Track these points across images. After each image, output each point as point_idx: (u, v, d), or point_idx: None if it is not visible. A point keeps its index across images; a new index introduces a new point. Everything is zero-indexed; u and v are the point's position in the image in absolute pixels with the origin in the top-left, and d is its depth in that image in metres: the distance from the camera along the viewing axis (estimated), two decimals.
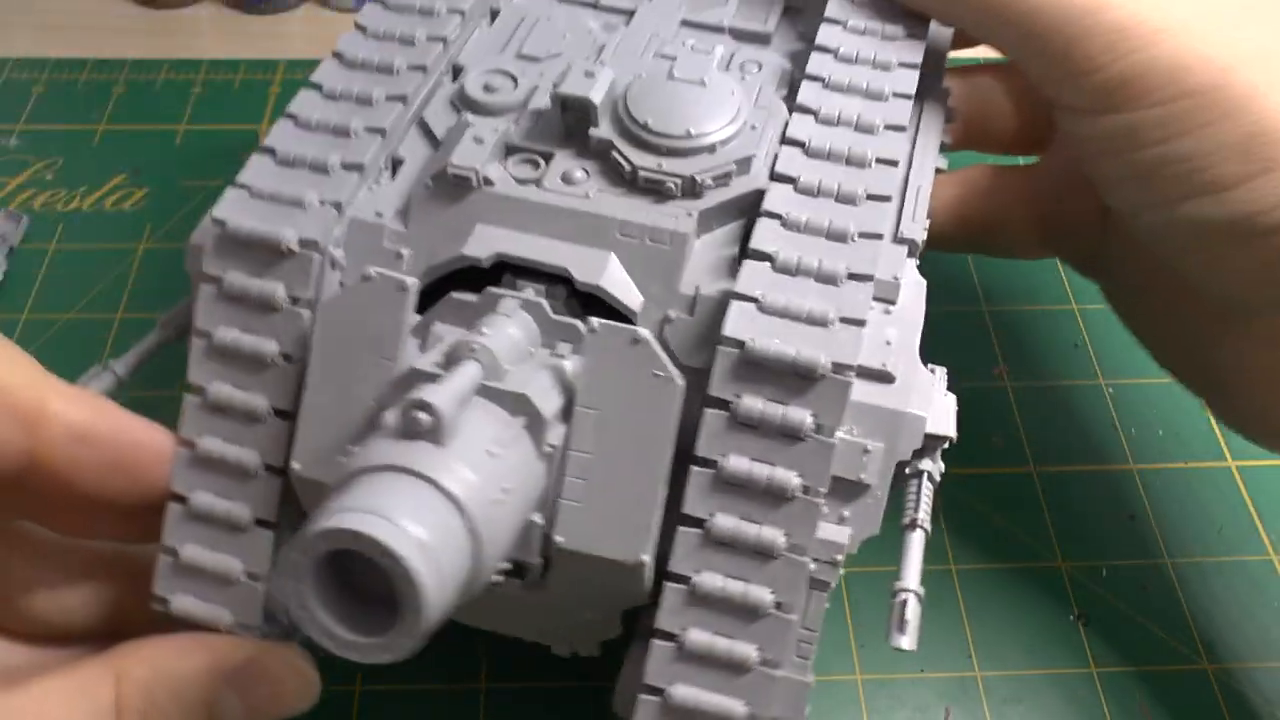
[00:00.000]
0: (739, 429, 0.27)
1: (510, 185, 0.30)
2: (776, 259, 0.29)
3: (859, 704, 0.39)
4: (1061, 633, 0.41)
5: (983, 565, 0.42)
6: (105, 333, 0.49)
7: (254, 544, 0.30)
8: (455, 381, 0.25)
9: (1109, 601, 0.42)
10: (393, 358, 0.28)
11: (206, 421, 0.30)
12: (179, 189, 0.55)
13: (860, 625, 0.40)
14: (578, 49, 0.35)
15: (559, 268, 0.29)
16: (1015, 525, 0.44)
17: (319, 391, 0.29)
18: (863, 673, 0.39)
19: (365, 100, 0.32)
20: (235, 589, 0.30)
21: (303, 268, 0.29)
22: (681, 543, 0.28)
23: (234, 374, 0.30)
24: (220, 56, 0.64)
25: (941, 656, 0.40)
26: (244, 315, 0.30)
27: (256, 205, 0.30)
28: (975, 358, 0.49)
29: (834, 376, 0.27)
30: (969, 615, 0.41)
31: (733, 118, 0.31)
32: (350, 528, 0.22)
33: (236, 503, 0.30)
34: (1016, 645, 0.40)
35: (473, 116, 0.32)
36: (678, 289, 0.29)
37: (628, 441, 0.28)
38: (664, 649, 0.28)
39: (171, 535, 0.30)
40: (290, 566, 0.23)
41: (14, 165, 0.56)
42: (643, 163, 0.30)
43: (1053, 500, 0.45)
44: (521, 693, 0.39)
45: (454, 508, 0.23)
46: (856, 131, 0.32)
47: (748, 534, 0.27)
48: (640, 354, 0.28)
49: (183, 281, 0.51)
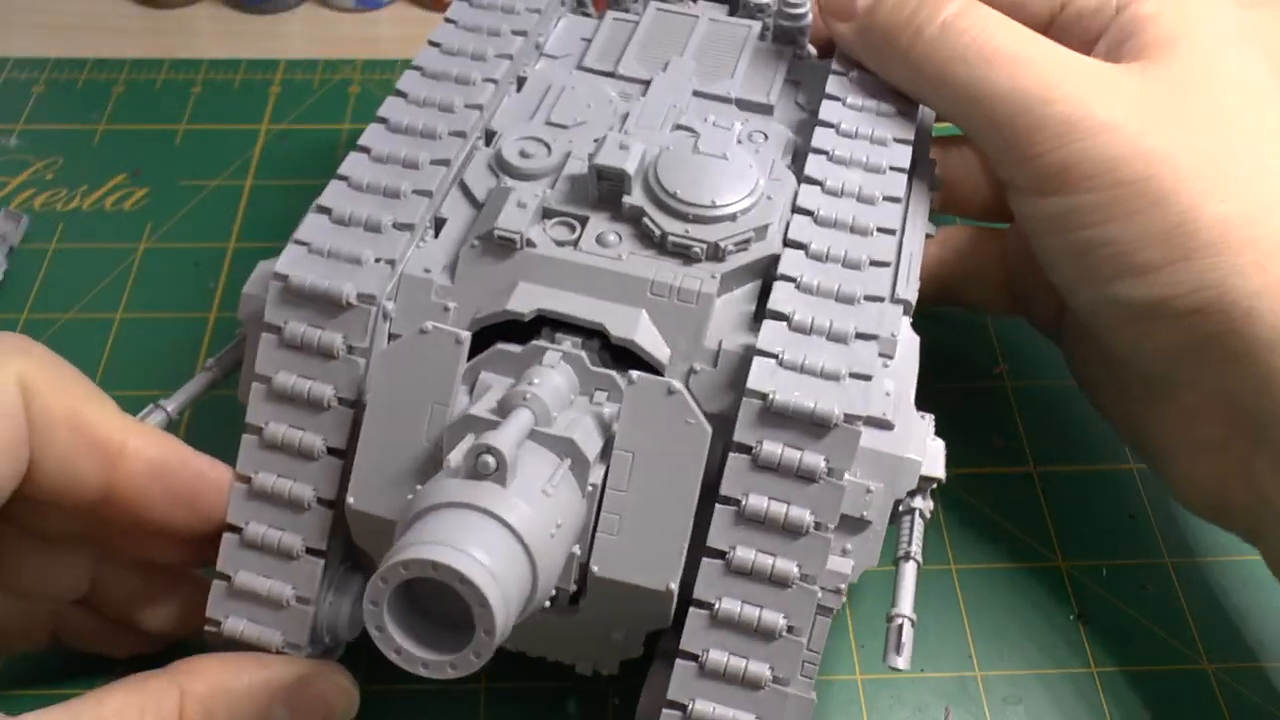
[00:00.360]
0: (759, 471, 0.31)
1: (550, 247, 0.33)
2: (793, 319, 0.32)
3: (859, 704, 0.39)
4: (1061, 633, 0.41)
5: (983, 565, 0.42)
6: (105, 333, 0.49)
7: (304, 571, 0.33)
8: (513, 427, 0.28)
9: (1109, 601, 0.42)
10: (446, 403, 0.31)
11: (263, 458, 0.33)
12: (179, 189, 0.56)
13: (860, 625, 0.40)
14: (601, 117, 0.38)
15: (595, 323, 0.32)
16: (1015, 525, 0.44)
17: (375, 432, 0.31)
18: (863, 673, 0.39)
19: (412, 164, 0.35)
20: (286, 612, 0.33)
21: (360, 320, 0.32)
22: (705, 572, 0.31)
23: (291, 415, 0.33)
24: (220, 56, 0.64)
25: (941, 656, 0.40)
26: (303, 362, 0.32)
27: (316, 261, 0.33)
28: (975, 358, 0.49)
29: (846, 426, 0.30)
30: (969, 615, 0.41)
31: (752, 189, 0.34)
32: (430, 558, 0.25)
33: (289, 533, 0.33)
34: (1016, 645, 0.40)
35: (511, 180, 0.35)
36: (702, 343, 0.32)
37: (659, 481, 0.31)
38: (686, 668, 0.31)
39: (227, 563, 0.33)
40: (372, 592, 0.25)
41: (14, 165, 0.56)
42: (672, 229, 0.33)
43: (1053, 500, 0.45)
44: (521, 693, 0.39)
45: (517, 541, 0.26)
46: (859, 203, 0.35)
47: (765, 565, 0.30)
48: (674, 404, 0.30)
49: (182, 282, 0.51)
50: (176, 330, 0.50)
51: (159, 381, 0.48)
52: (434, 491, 0.27)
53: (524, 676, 0.39)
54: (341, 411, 0.33)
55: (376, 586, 0.25)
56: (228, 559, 0.33)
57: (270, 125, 0.59)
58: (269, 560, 0.33)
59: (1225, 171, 0.35)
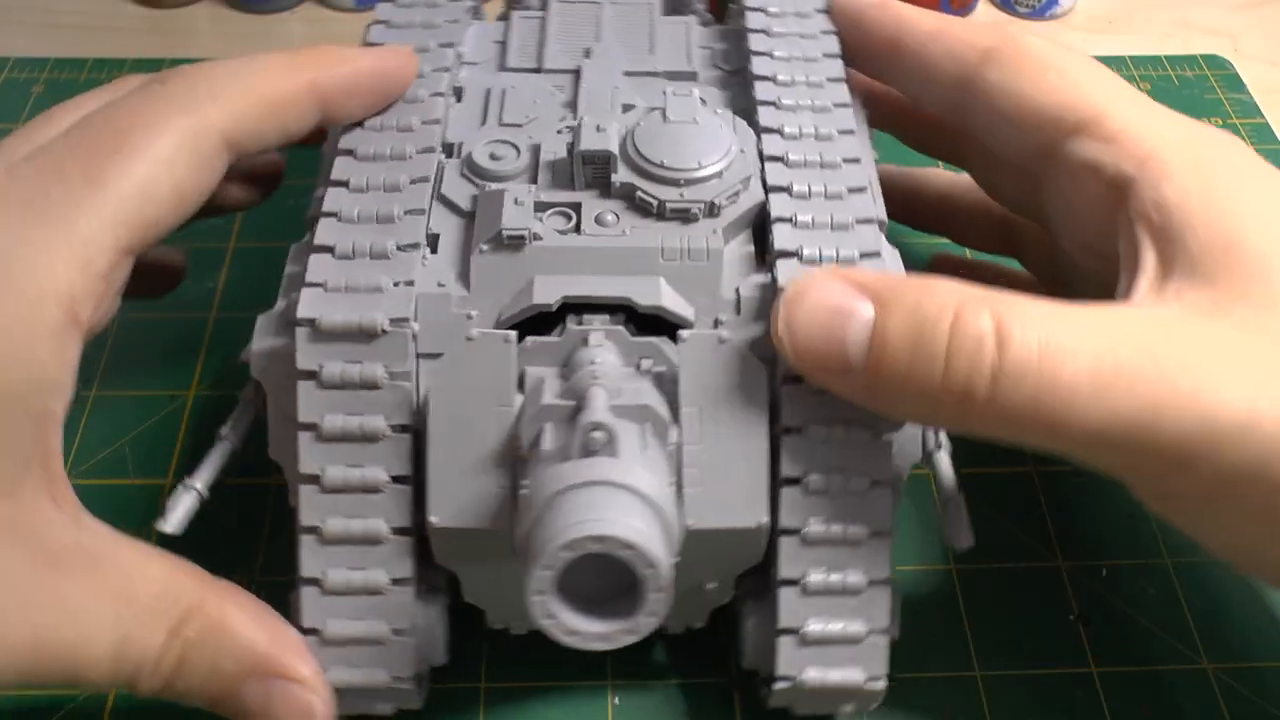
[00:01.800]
0: (813, 394, 0.32)
1: (555, 237, 0.34)
2: (802, 254, 0.34)
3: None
4: (1061, 633, 0.41)
5: (983, 565, 0.42)
6: (105, 333, 0.49)
7: (396, 603, 0.33)
8: (600, 403, 0.29)
9: (1109, 601, 0.42)
10: (509, 403, 0.32)
11: (327, 504, 0.33)
12: None
13: None
14: (550, 111, 0.39)
15: (621, 298, 0.33)
16: (1015, 525, 0.44)
17: (442, 448, 0.32)
18: None
19: (393, 187, 0.36)
20: (386, 648, 0.33)
21: (398, 344, 0.32)
22: (786, 501, 0.33)
23: (347, 454, 0.32)
24: (220, 56, 0.64)
25: (941, 656, 0.40)
26: (347, 399, 0.32)
27: (336, 299, 0.33)
28: None
29: None
30: (969, 615, 0.41)
31: (729, 147, 0.36)
32: (592, 534, 0.26)
33: (371, 570, 0.33)
34: (1016, 645, 0.40)
35: (493, 184, 0.36)
36: (720, 294, 0.34)
37: (729, 426, 0.32)
38: (791, 594, 0.33)
39: (311, 617, 0.33)
40: (536, 583, 0.26)
41: None
42: (667, 196, 0.34)
43: (1053, 500, 0.45)
44: (521, 692, 0.39)
45: (648, 505, 0.28)
46: (819, 141, 0.37)
47: (839, 481, 0.32)
48: (727, 351, 0.32)
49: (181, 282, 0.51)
50: (176, 330, 0.50)
51: (159, 382, 0.48)
52: (551, 479, 0.28)
53: (524, 676, 0.39)
54: (398, 439, 0.32)
55: (540, 576, 0.26)
56: (311, 613, 0.33)
57: None
58: (356, 603, 0.33)
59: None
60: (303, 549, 0.33)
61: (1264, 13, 0.73)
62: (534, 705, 0.38)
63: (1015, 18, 0.71)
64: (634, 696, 0.39)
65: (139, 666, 0.31)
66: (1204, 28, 0.71)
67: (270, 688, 0.32)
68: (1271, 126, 0.62)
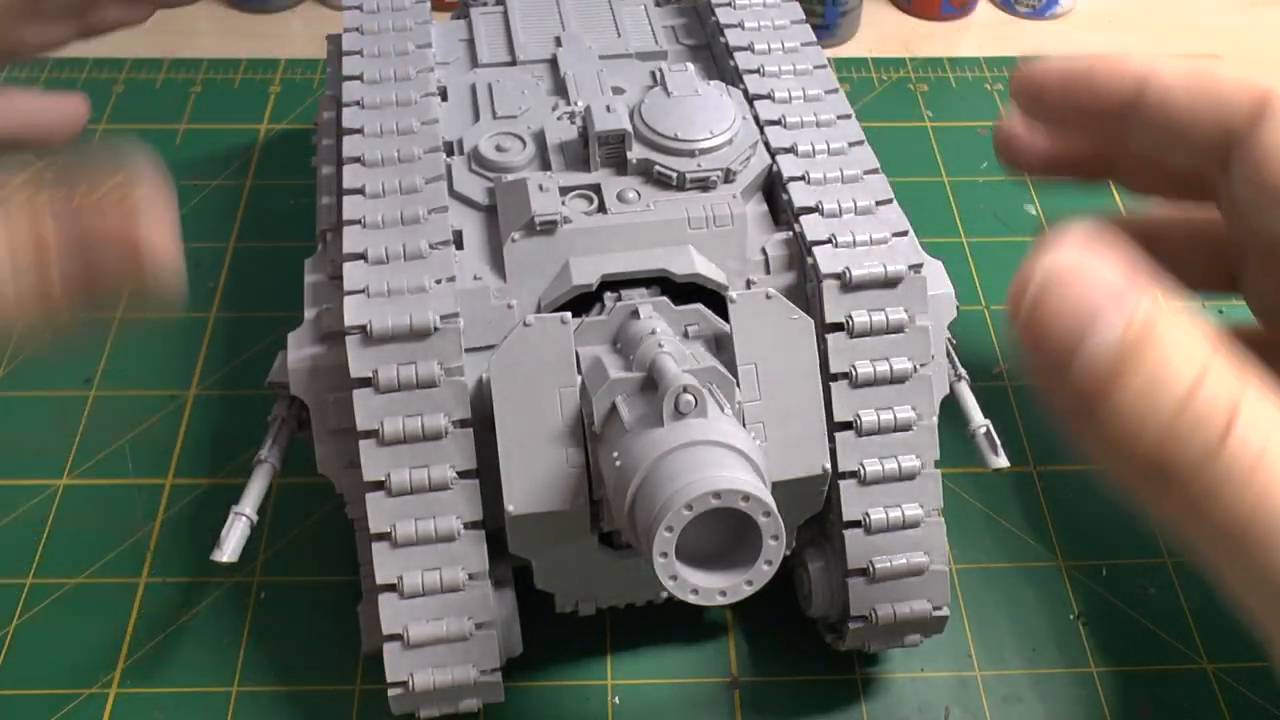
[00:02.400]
0: (856, 339, 0.34)
1: (584, 219, 0.35)
2: (823, 208, 0.35)
3: (859, 704, 0.39)
4: (1061, 633, 0.41)
5: (983, 565, 0.42)
6: (105, 332, 0.50)
7: (476, 597, 0.33)
8: (673, 369, 0.30)
9: (1109, 601, 0.42)
10: (571, 384, 0.32)
11: (396, 507, 0.32)
12: (179, 188, 0.55)
13: None
14: (540, 100, 0.40)
15: (658, 270, 0.34)
16: (1015, 525, 0.44)
17: (511, 436, 0.32)
18: (863, 672, 0.39)
19: (410, 189, 0.36)
20: (471, 643, 0.33)
21: (450, 341, 0.32)
22: (842, 445, 0.34)
23: (411, 456, 0.32)
24: (220, 56, 0.64)
25: (941, 656, 0.40)
26: (405, 401, 0.32)
27: (380, 304, 0.32)
28: (975, 357, 0.49)
29: (913, 275, 0.34)
30: (969, 615, 0.41)
31: (734, 114, 0.37)
32: (710, 489, 0.26)
33: (448, 568, 0.33)
34: (1016, 645, 0.40)
35: (506, 175, 0.36)
36: (747, 256, 0.35)
37: (784, 379, 0.33)
38: (856, 535, 0.34)
39: (391, 624, 0.33)
40: (660, 544, 0.26)
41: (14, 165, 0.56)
42: (684, 167, 0.35)
43: (1053, 500, 0.45)
44: (522, 692, 0.39)
45: (745, 458, 0.28)
46: (807, 102, 0.39)
47: (889, 420, 0.34)
48: (775, 307, 0.33)
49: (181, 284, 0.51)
50: (177, 330, 0.50)
51: (159, 381, 0.48)
52: (648, 446, 0.28)
53: (525, 676, 0.39)
54: (461, 434, 0.32)
55: (663, 538, 0.26)
56: (391, 619, 0.33)
57: (270, 125, 0.59)
58: (436, 602, 0.33)
59: None
60: (376, 556, 0.33)
61: (1264, 12, 0.73)
62: (534, 705, 0.38)
63: (1015, 17, 0.71)
64: (634, 696, 0.39)
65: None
66: (1203, 27, 0.71)
67: None
68: None
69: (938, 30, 0.70)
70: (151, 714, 0.38)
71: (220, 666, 0.39)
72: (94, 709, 0.38)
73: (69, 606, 0.41)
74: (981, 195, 0.57)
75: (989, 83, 0.65)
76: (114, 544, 0.42)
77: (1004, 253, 0.54)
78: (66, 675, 0.39)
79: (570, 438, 0.32)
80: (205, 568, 0.42)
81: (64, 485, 0.44)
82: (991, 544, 0.43)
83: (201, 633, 0.40)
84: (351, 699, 0.38)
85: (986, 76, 0.65)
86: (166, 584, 0.41)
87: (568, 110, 0.38)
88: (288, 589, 0.41)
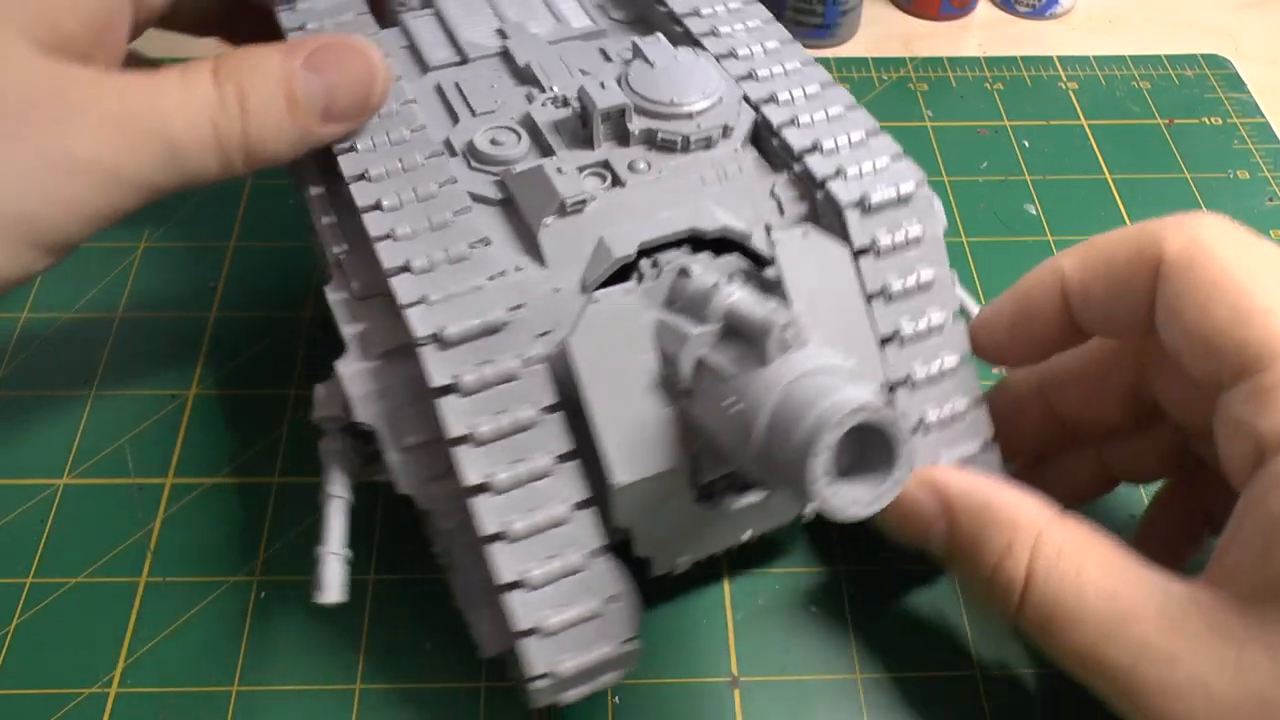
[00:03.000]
0: (881, 259, 0.36)
1: (606, 194, 0.36)
2: (821, 146, 0.37)
3: (859, 704, 0.39)
4: None
5: None
6: (105, 333, 0.50)
7: (601, 572, 0.33)
8: (764, 310, 0.31)
9: None
10: (649, 349, 0.33)
11: (504, 506, 0.32)
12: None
13: (859, 625, 0.40)
14: (511, 91, 0.41)
15: (689, 230, 0.35)
16: None
17: (603, 411, 0.32)
18: (862, 673, 0.39)
19: (427, 197, 0.36)
20: (604, 619, 0.33)
21: (523, 331, 0.32)
22: (889, 358, 0.36)
23: (508, 452, 0.32)
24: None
25: (941, 656, 0.40)
26: (491, 400, 0.32)
27: (443, 310, 0.32)
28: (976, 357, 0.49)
29: (920, 192, 0.36)
30: (969, 614, 0.41)
31: (715, 74, 0.38)
32: (854, 406, 0.27)
33: (568, 551, 0.33)
34: (1016, 645, 0.40)
35: (515, 166, 0.37)
36: (759, 203, 0.37)
37: (834, 308, 0.35)
38: (915, 439, 0.36)
39: (525, 619, 0.32)
40: (816, 469, 0.27)
41: None
42: (686, 130, 0.37)
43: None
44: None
45: (860, 379, 0.29)
46: (767, 56, 0.41)
47: (924, 325, 0.36)
48: (814, 241, 0.35)
49: (182, 282, 0.51)
50: (177, 330, 0.50)
51: (159, 381, 0.48)
52: (770, 381, 0.29)
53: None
54: (551, 419, 0.32)
55: (819, 461, 0.27)
56: (524, 615, 0.32)
57: None
58: (563, 588, 0.33)
59: None
60: (495, 557, 0.32)
61: (1264, 12, 0.73)
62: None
63: (1015, 17, 0.71)
64: (634, 696, 0.39)
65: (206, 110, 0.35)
66: (1204, 27, 0.71)
67: None
68: (1271, 126, 0.63)
69: (938, 30, 0.70)
70: (152, 713, 0.38)
71: (221, 666, 0.39)
72: (94, 708, 0.38)
73: (69, 606, 0.41)
74: (982, 195, 0.58)
75: (989, 82, 0.65)
76: (114, 544, 0.42)
77: (1004, 252, 0.54)
78: (67, 675, 0.39)
79: (659, 400, 0.33)
80: (205, 567, 0.42)
81: (64, 485, 0.44)
82: None
83: (202, 632, 0.40)
84: (352, 699, 0.38)
85: (987, 76, 0.65)
86: (167, 583, 0.41)
87: (549, 96, 0.39)
88: (288, 588, 0.41)
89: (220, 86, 0.35)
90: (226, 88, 0.35)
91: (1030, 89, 0.65)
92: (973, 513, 0.34)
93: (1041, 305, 0.36)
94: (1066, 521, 0.33)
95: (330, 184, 0.38)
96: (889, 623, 0.41)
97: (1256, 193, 0.58)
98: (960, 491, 0.34)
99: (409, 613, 0.41)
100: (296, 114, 0.35)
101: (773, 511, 0.38)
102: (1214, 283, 0.31)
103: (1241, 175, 0.59)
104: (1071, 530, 0.32)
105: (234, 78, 0.35)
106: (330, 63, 0.36)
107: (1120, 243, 0.34)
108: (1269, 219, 0.57)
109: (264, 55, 0.36)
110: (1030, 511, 0.33)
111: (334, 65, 0.36)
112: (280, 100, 0.35)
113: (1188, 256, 0.32)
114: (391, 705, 0.38)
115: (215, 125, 0.34)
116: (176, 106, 0.34)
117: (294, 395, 0.47)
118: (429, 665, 0.39)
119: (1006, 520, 0.33)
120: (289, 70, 0.35)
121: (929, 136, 0.61)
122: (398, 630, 0.40)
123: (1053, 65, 0.66)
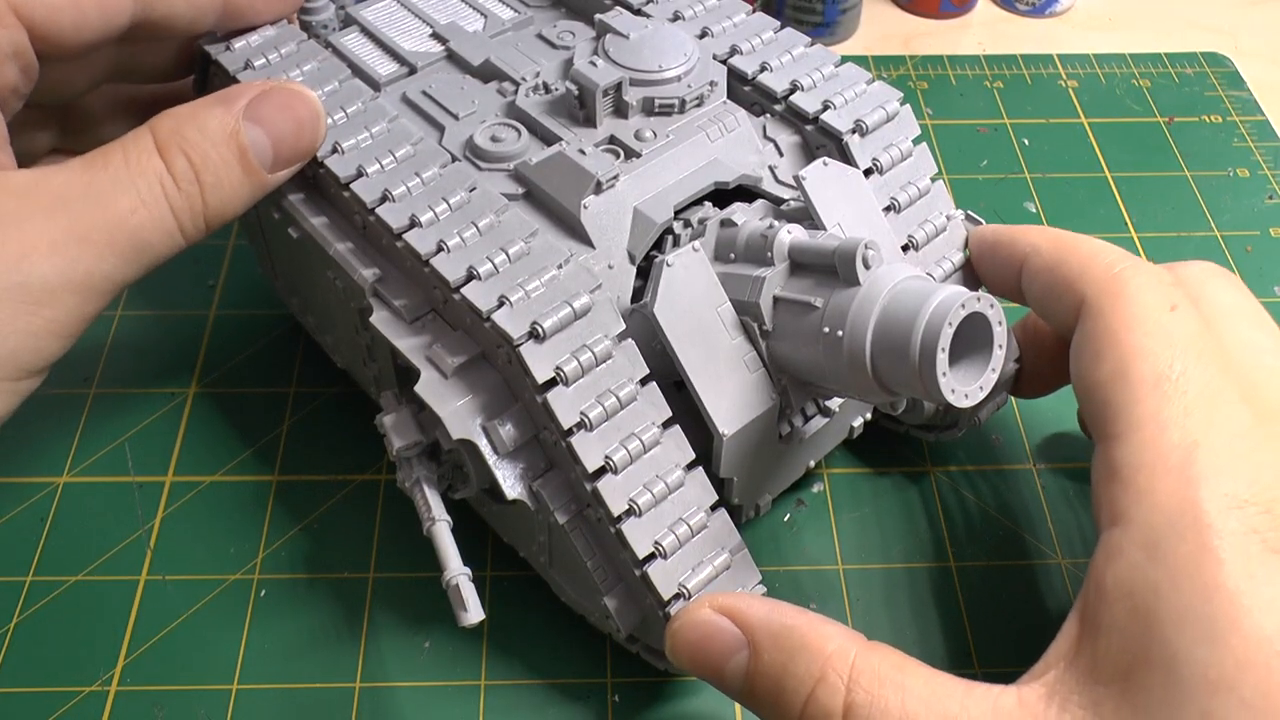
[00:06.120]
0: (886, 176, 0.39)
1: (625, 168, 0.37)
2: (801, 85, 0.40)
3: None
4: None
5: (983, 563, 0.42)
6: (105, 331, 0.50)
7: (719, 526, 0.34)
8: (837, 238, 0.33)
9: None
10: (723, 300, 0.34)
11: (625, 483, 0.33)
12: None
13: (859, 625, 0.40)
14: (478, 90, 0.41)
15: (712, 184, 0.37)
16: (1015, 523, 0.44)
17: (697, 369, 0.34)
18: None
19: (462, 205, 0.36)
20: (734, 570, 0.34)
21: (606, 310, 0.33)
22: (909, 256, 0.39)
23: (617, 431, 0.33)
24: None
25: (941, 655, 0.40)
26: (593, 383, 0.33)
27: (524, 306, 0.33)
28: None
29: (900, 108, 0.40)
30: (969, 613, 0.41)
31: (685, 36, 0.40)
32: (962, 300, 0.29)
33: (690, 512, 0.34)
34: (1016, 644, 0.40)
35: (535, 159, 0.37)
36: (759, 147, 0.39)
37: (862, 228, 0.37)
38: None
39: (667, 587, 0.33)
40: (937, 368, 0.29)
41: None
42: (680, 92, 0.38)
43: (1053, 499, 0.45)
44: (522, 690, 0.39)
45: (937, 283, 0.31)
46: (711, 13, 0.43)
47: (930, 229, 0.39)
48: (834, 168, 0.37)
49: (181, 280, 0.51)
50: (177, 329, 0.50)
51: (159, 380, 0.48)
52: (867, 296, 0.31)
53: (524, 674, 0.39)
54: (648, 390, 0.34)
55: (939, 360, 0.29)
56: (665, 583, 0.33)
57: None
58: (693, 548, 0.34)
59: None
60: (630, 533, 0.33)
61: (1264, 10, 0.73)
62: (534, 703, 0.38)
63: (1015, 15, 0.71)
64: (634, 695, 0.39)
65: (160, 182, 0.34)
66: (1204, 25, 0.71)
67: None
68: (1271, 124, 0.62)
69: (938, 28, 0.70)
70: (152, 712, 0.38)
71: (220, 664, 0.39)
72: (94, 707, 0.38)
73: (69, 604, 0.41)
74: (982, 192, 0.58)
75: (989, 80, 0.65)
76: (114, 542, 0.42)
77: None
78: (67, 673, 0.39)
79: (742, 347, 0.34)
80: (205, 565, 0.42)
81: (64, 483, 0.44)
82: (992, 541, 0.43)
83: (201, 630, 0.40)
84: (351, 698, 0.38)
85: (986, 74, 0.65)
86: (167, 581, 0.41)
87: (529, 85, 0.40)
88: (288, 586, 0.41)
89: (171, 164, 0.33)
90: (178, 164, 0.34)
91: (1030, 87, 0.65)
92: (778, 639, 0.31)
93: (1005, 262, 0.39)
94: (878, 646, 0.31)
95: (307, 193, 0.38)
96: (890, 618, 0.41)
97: (1256, 190, 0.58)
98: (761, 617, 0.31)
99: (409, 611, 0.41)
100: (249, 171, 0.35)
101: (832, 433, 0.41)
102: (1105, 340, 0.33)
103: (1241, 173, 0.59)
104: (885, 654, 0.31)
105: (181, 148, 0.34)
106: (270, 112, 0.35)
107: (1073, 256, 0.36)
108: (1269, 217, 0.57)
109: (204, 114, 0.35)
110: (838, 637, 0.31)
111: (275, 113, 0.35)
112: (234, 162, 0.35)
113: (1104, 305, 0.34)
114: (391, 703, 0.38)
115: (175, 209, 0.34)
116: (133, 202, 0.33)
117: (293, 393, 0.47)
118: (429, 664, 0.39)
119: (815, 648, 0.31)
120: (233, 127, 0.35)
121: (929, 134, 0.61)
122: (397, 629, 0.40)
123: (1052, 63, 0.66)
